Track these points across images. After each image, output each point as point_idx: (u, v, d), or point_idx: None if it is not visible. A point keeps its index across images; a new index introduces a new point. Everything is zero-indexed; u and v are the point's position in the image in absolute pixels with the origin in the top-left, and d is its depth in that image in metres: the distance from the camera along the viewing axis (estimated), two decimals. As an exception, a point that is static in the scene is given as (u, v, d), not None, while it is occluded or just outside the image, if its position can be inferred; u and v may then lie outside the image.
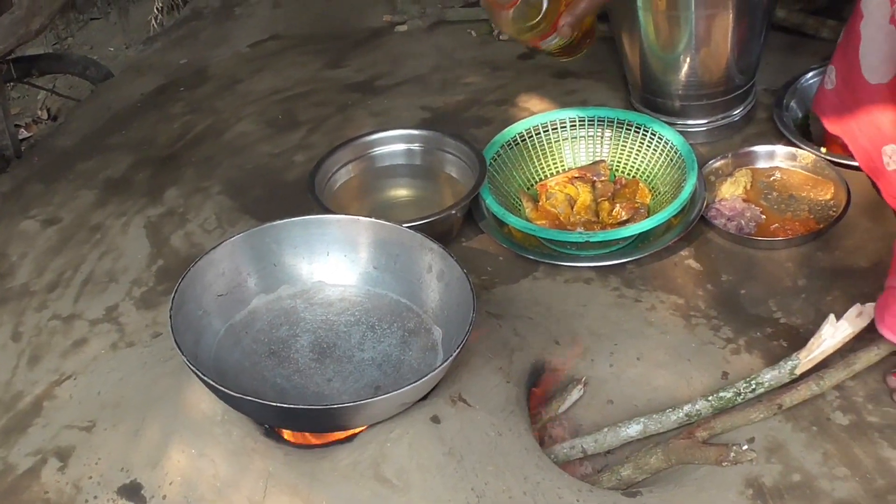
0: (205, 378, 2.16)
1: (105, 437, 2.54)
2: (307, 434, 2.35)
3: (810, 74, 3.50)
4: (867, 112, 2.90)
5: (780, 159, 3.27)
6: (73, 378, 2.82)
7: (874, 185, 2.96)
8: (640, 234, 3.04)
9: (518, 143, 3.33)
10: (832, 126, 3.06)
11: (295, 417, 2.23)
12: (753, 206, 3.14)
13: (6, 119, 3.94)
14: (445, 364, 2.24)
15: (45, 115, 5.35)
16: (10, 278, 3.25)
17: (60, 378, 2.83)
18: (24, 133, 4.96)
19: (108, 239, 3.35)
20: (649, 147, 3.26)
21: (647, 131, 3.27)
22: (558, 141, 3.36)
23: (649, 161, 3.26)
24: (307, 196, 3.11)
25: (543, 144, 3.34)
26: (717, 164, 3.27)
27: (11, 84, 4.73)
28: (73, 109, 4.45)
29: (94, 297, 3.13)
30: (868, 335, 2.53)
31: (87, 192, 3.60)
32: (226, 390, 2.14)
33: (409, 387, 2.19)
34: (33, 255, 3.33)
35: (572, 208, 3.17)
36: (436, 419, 2.30)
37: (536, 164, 3.34)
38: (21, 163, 3.92)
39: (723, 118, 3.45)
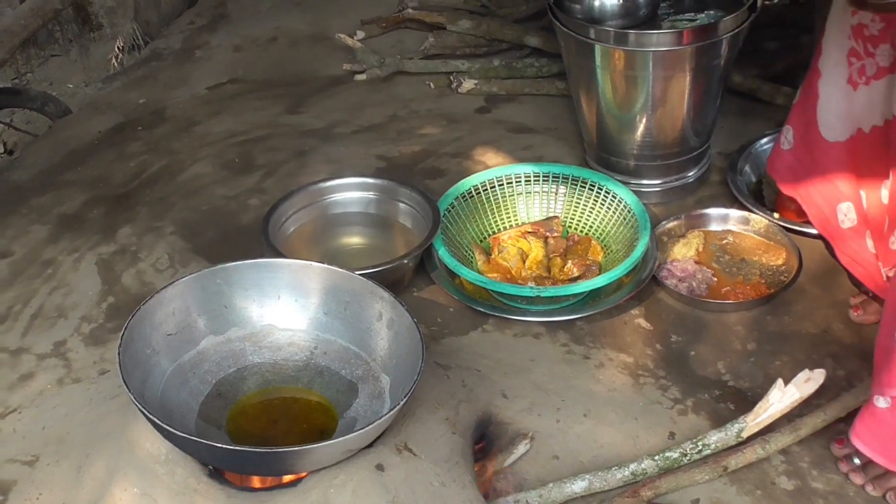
0: (151, 416, 2.15)
1: (48, 473, 2.51)
2: (251, 477, 2.33)
3: (765, 139, 3.53)
4: (824, 170, 2.92)
5: (733, 223, 3.30)
6: (18, 412, 2.80)
7: (827, 245, 2.98)
8: (590, 291, 3.05)
9: (472, 196, 3.34)
10: (786, 187, 3.08)
11: (239, 459, 2.21)
12: (705, 268, 3.16)
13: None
14: (392, 412, 2.23)
15: (1, 149, 5.32)
16: (-41, 310, 3.23)
17: (5, 411, 2.81)
18: (-22, 166, 4.94)
19: (60, 274, 3.33)
20: (603, 205, 3.28)
21: (602, 189, 3.28)
22: (512, 195, 3.37)
23: (603, 219, 3.28)
24: (260, 240, 3.10)
25: (498, 198, 3.36)
26: (670, 224, 3.29)
27: (-31, 117, 4.72)
28: (30, 144, 4.43)
29: (42, 332, 3.11)
30: (815, 401, 2.56)
31: (40, 227, 3.59)
32: (171, 429, 2.13)
33: (354, 434, 2.18)
34: (-17, 288, 3.31)
35: (524, 263, 3.18)
36: (380, 467, 2.29)
37: (490, 217, 3.35)
38: (-26, 195, 3.91)
39: (677, 179, 3.47)
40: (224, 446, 2.17)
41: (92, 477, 2.39)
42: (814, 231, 3.10)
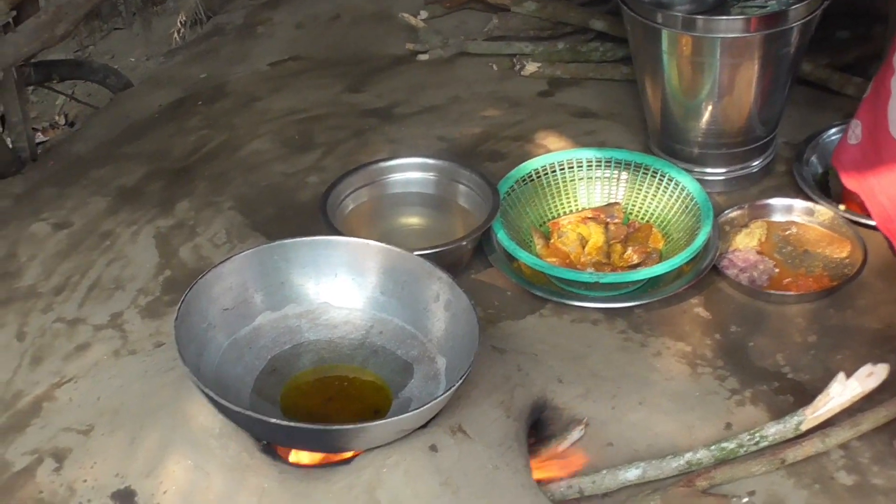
0: (206, 390, 2.15)
1: (102, 442, 2.51)
2: (304, 453, 2.33)
3: (833, 130, 3.49)
4: (890, 169, 2.87)
5: (798, 214, 3.25)
6: (74, 381, 2.80)
7: (889, 243, 2.94)
8: (650, 278, 3.02)
9: (533, 180, 3.31)
10: (850, 181, 3.04)
11: (293, 435, 2.21)
12: (767, 259, 3.12)
13: (25, 122, 3.94)
14: (447, 394, 2.22)
15: (62, 121, 5.35)
16: (18, 279, 3.24)
17: (61, 381, 2.82)
18: (40, 137, 4.98)
19: (118, 246, 3.34)
20: (665, 192, 3.25)
21: (664, 177, 3.25)
22: (573, 180, 3.35)
23: (664, 206, 3.25)
24: (318, 217, 3.10)
25: (559, 183, 3.33)
26: (733, 214, 3.25)
27: (31, 88, 4.73)
28: (91, 116, 4.45)
29: (99, 303, 3.12)
30: (877, 396, 2.51)
31: (99, 199, 3.60)
32: (226, 404, 2.13)
33: (409, 414, 2.17)
34: (42, 258, 3.32)
35: (584, 248, 3.16)
36: (434, 448, 2.28)
37: (550, 201, 3.32)
38: (36, 166, 3.93)
39: (741, 168, 3.43)
40: (278, 422, 2.17)
41: (146, 448, 2.40)
42: (880, 224, 3.06)
